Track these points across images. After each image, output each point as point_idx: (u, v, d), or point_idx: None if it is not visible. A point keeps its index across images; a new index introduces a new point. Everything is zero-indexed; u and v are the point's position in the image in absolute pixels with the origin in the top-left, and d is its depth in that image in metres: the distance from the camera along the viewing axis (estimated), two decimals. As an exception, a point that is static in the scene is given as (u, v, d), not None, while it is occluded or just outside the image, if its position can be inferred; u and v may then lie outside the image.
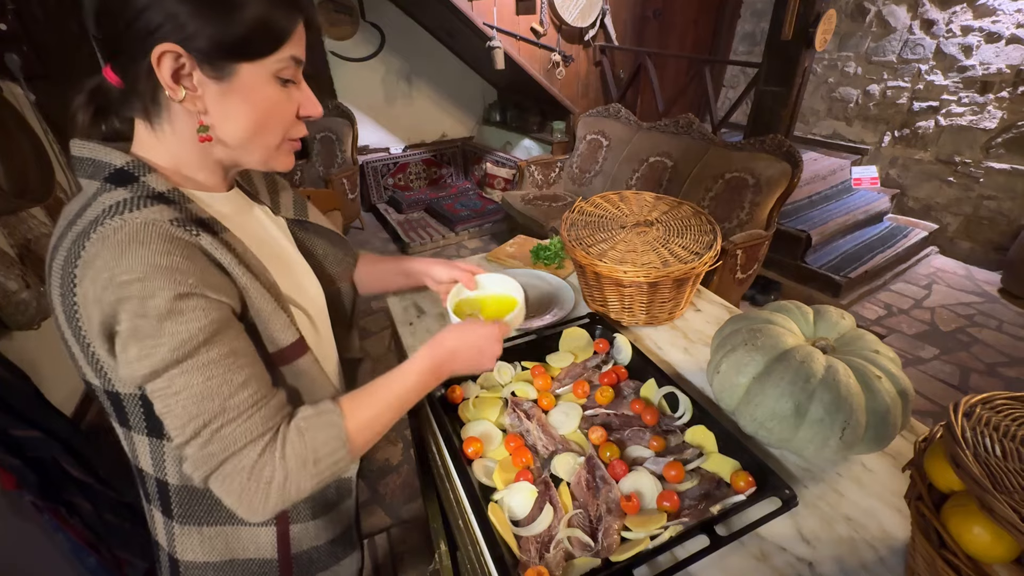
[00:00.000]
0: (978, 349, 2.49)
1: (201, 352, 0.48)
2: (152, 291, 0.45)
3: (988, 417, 0.49)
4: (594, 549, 0.60)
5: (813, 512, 0.66)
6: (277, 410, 0.53)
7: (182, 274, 0.47)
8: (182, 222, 0.50)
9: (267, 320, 0.56)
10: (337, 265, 0.80)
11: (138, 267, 0.45)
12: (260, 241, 0.65)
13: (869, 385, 0.65)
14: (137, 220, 0.47)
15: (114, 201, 0.49)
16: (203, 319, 0.48)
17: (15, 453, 1.06)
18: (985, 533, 0.43)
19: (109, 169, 0.52)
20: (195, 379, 0.48)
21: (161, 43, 0.47)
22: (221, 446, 0.49)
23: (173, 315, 0.46)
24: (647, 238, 1.03)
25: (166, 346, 0.46)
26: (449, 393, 0.84)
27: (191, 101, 0.51)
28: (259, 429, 0.51)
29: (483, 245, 3.79)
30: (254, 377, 0.52)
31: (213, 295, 0.49)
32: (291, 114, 0.57)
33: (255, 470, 0.50)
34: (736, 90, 4.65)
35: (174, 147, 0.55)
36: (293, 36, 0.53)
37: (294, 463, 0.52)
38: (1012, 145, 3.02)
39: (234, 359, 0.50)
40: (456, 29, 3.56)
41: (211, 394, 0.48)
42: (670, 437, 0.76)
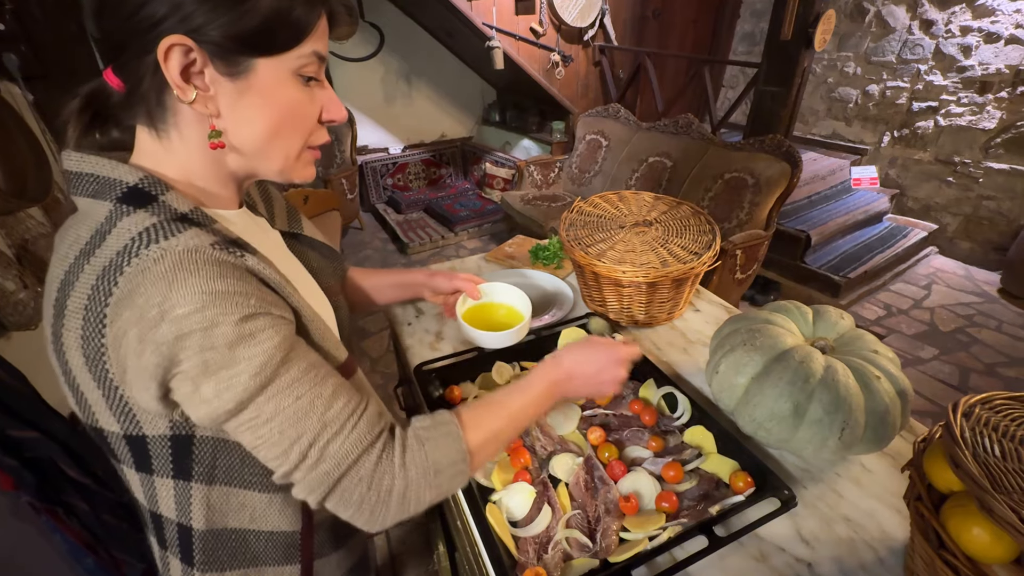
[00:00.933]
0: (977, 349, 2.49)
1: (283, 372, 0.44)
2: (215, 319, 0.41)
3: (987, 417, 0.49)
4: (592, 550, 0.60)
5: (812, 513, 0.66)
6: (378, 415, 0.50)
7: (242, 296, 0.43)
8: (222, 245, 0.45)
9: (322, 336, 0.52)
10: (330, 278, 0.76)
11: (193, 297, 0.40)
12: (279, 258, 0.61)
13: (868, 385, 0.65)
14: (178, 248, 0.42)
15: (142, 227, 0.43)
16: (276, 337, 0.44)
17: (12, 454, 1.06)
18: (984, 533, 0.43)
19: (121, 188, 0.46)
20: (285, 400, 0.44)
21: (169, 35, 0.42)
22: (333, 463, 0.45)
23: (244, 340, 0.42)
24: (646, 238, 1.03)
25: (246, 373, 0.42)
26: (447, 393, 0.83)
27: (202, 102, 0.46)
28: (368, 437, 0.47)
29: (482, 245, 3.78)
30: (341, 387, 0.48)
31: (277, 312, 0.46)
32: (313, 117, 0.52)
33: (375, 480, 0.47)
34: (735, 90, 4.65)
35: (184, 157, 0.50)
36: (316, 29, 0.48)
37: (415, 472, 0.49)
38: (1011, 145, 3.02)
39: (316, 372, 0.47)
40: (455, 29, 3.56)
41: (306, 412, 0.45)
42: (669, 437, 0.75)
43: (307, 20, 0.47)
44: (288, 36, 0.47)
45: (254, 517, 0.55)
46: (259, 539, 0.56)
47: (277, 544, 0.57)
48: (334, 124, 0.55)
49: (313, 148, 0.55)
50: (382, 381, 2.36)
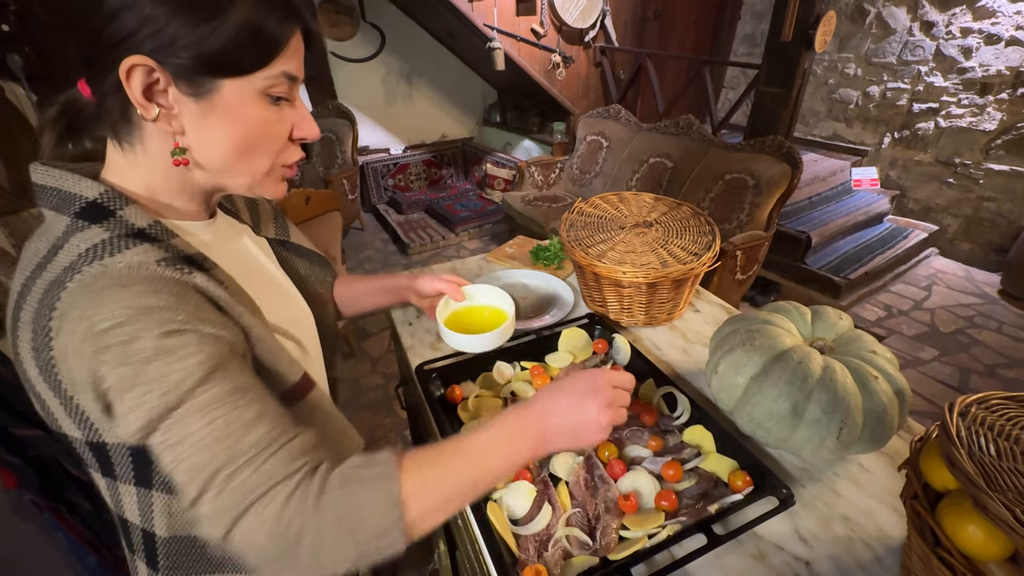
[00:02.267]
0: (978, 350, 2.49)
1: (198, 392, 0.41)
2: (135, 334, 0.40)
3: (983, 417, 0.49)
4: (592, 548, 0.61)
5: (810, 511, 0.66)
6: (303, 451, 0.44)
7: (169, 311, 0.41)
8: (170, 261, 0.44)
9: (275, 355, 0.51)
10: (320, 285, 0.76)
11: (118, 311, 0.40)
12: (250, 270, 0.61)
13: (866, 385, 0.65)
14: (120, 264, 0.42)
15: (90, 244, 0.43)
16: (198, 354, 0.42)
17: (16, 452, 1.07)
18: (979, 532, 0.44)
19: (79, 202, 0.45)
20: (196, 424, 0.41)
21: (131, 55, 0.42)
22: (236, 496, 0.40)
23: (162, 355, 0.40)
24: (646, 239, 1.03)
25: (156, 391, 0.40)
26: (448, 393, 0.84)
27: (165, 120, 0.46)
28: (282, 472, 0.41)
29: (483, 246, 3.79)
30: (267, 414, 0.44)
31: (209, 329, 0.43)
32: (282, 136, 0.51)
33: (282, 520, 0.40)
34: (736, 91, 4.65)
35: (148, 171, 0.49)
36: (287, 49, 0.47)
37: (330, 518, 0.41)
38: (1012, 147, 3.03)
39: (240, 396, 0.43)
40: (456, 30, 3.57)
41: (217, 439, 0.41)
42: (668, 437, 0.76)
43: (277, 41, 0.47)
44: (256, 57, 0.46)
45: None
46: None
47: None
48: (306, 142, 0.54)
49: (286, 165, 0.54)
50: (383, 381, 2.37)
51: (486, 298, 0.88)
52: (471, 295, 0.87)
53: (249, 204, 0.70)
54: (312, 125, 0.53)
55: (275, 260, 0.69)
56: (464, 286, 0.85)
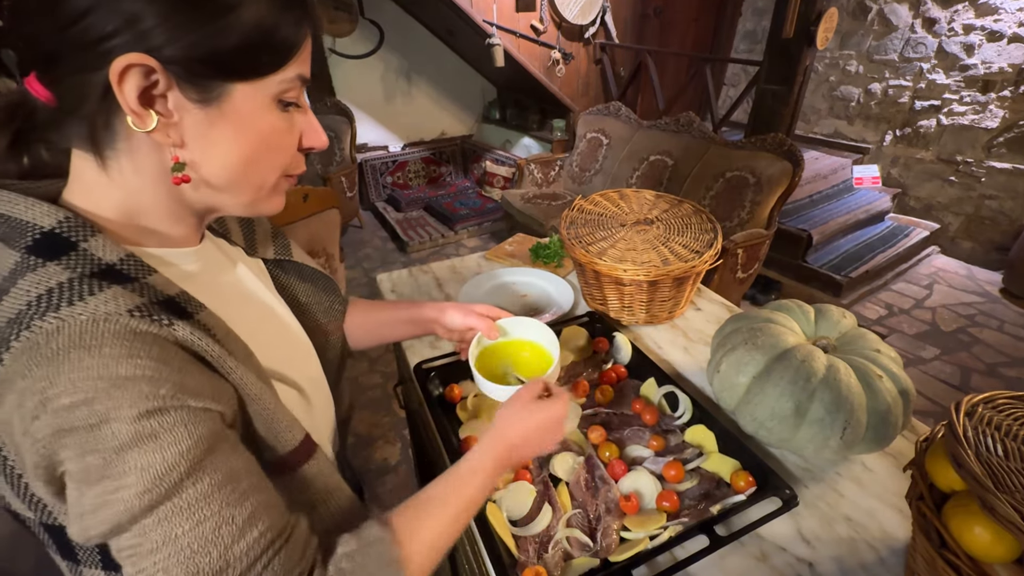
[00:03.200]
0: (979, 349, 2.49)
1: (186, 487, 0.34)
2: (106, 414, 0.32)
3: (990, 416, 0.48)
4: (593, 549, 0.60)
5: (813, 512, 0.66)
6: (302, 550, 0.39)
7: (151, 383, 0.34)
8: (146, 309, 0.36)
9: (271, 418, 0.43)
10: (324, 315, 0.67)
11: (84, 384, 0.32)
12: (242, 304, 0.53)
13: (870, 384, 0.65)
14: (82, 318, 0.33)
15: (44, 289, 0.34)
16: (187, 440, 0.35)
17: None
18: (986, 533, 0.43)
19: (33, 233, 0.37)
20: (180, 527, 0.34)
21: (126, 53, 0.35)
22: None
23: (140, 442, 0.33)
24: (647, 236, 1.03)
25: (132, 488, 0.33)
26: (447, 392, 0.83)
27: (163, 131, 0.39)
28: None
29: (482, 244, 3.78)
30: (263, 508, 0.38)
31: (197, 403, 0.36)
32: (292, 147, 0.46)
33: None
34: (737, 88, 4.64)
35: (132, 191, 0.41)
36: (302, 50, 0.43)
37: None
38: (1014, 144, 3.02)
39: (233, 487, 0.37)
40: (456, 26, 3.55)
41: (205, 544, 0.34)
42: (670, 437, 0.75)
43: (292, 41, 0.41)
44: (271, 59, 0.41)
45: None
46: None
47: None
48: (313, 152, 0.49)
49: (289, 177, 0.48)
50: (381, 380, 2.36)
51: (525, 332, 0.75)
52: (507, 329, 0.75)
53: (243, 222, 0.62)
54: (321, 133, 0.48)
55: (271, 286, 0.61)
56: (499, 320, 0.73)
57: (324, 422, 0.61)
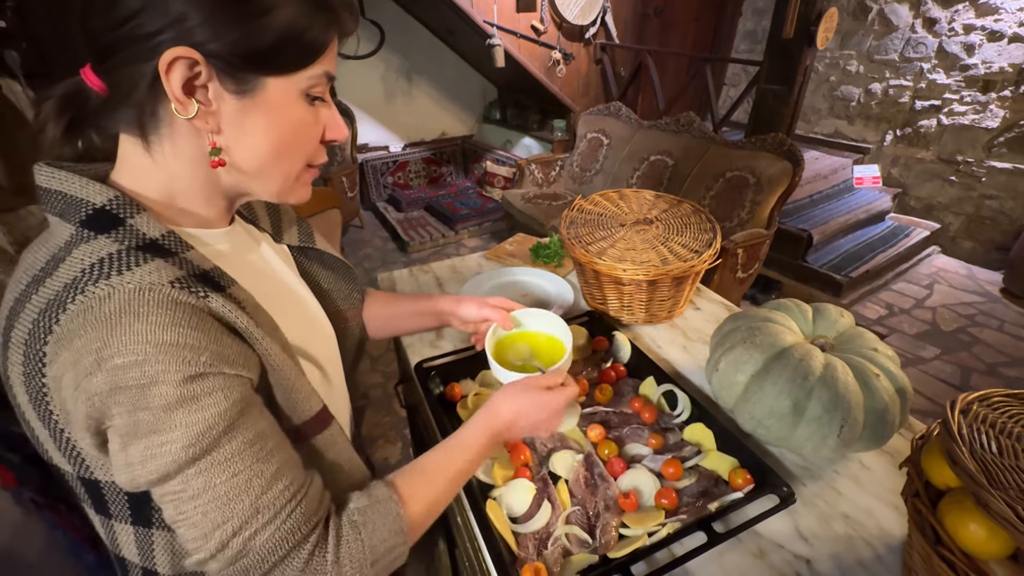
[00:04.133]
0: (979, 349, 2.49)
1: (223, 444, 0.39)
2: (155, 376, 0.37)
3: (985, 414, 0.49)
4: (592, 546, 0.61)
5: (811, 510, 0.66)
6: (319, 501, 0.45)
7: (193, 351, 0.38)
8: (185, 281, 0.41)
9: (291, 386, 0.48)
10: (344, 301, 0.71)
11: (135, 347, 0.36)
12: (268, 283, 0.57)
13: (867, 383, 0.65)
14: (130, 287, 0.38)
15: (96, 258, 0.39)
16: (224, 402, 0.39)
17: (15, 450, 1.06)
18: (981, 529, 0.43)
19: (86, 209, 0.41)
20: (218, 477, 0.39)
21: (174, 46, 0.39)
22: (258, 558, 0.40)
23: (185, 403, 0.38)
24: (647, 236, 1.03)
25: (179, 442, 0.37)
26: (448, 391, 0.84)
27: (203, 118, 0.43)
28: (303, 530, 0.42)
29: (483, 244, 3.79)
30: (287, 464, 0.43)
31: (231, 370, 0.41)
32: (316, 138, 0.50)
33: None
34: (737, 88, 4.64)
35: (172, 173, 0.46)
36: (329, 50, 0.47)
37: (351, 568, 0.43)
38: (1014, 144, 3.02)
39: (262, 445, 0.42)
40: (456, 27, 3.56)
41: (239, 493, 0.40)
42: (668, 435, 0.76)
43: (322, 41, 0.45)
44: (302, 56, 0.45)
45: None
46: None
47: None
48: (336, 143, 0.52)
49: (312, 167, 0.52)
50: (382, 379, 2.37)
51: (538, 323, 0.79)
52: (521, 321, 0.79)
53: (270, 210, 0.66)
54: (342, 126, 0.51)
55: (295, 271, 0.65)
56: (513, 311, 0.78)
57: (342, 404, 0.66)
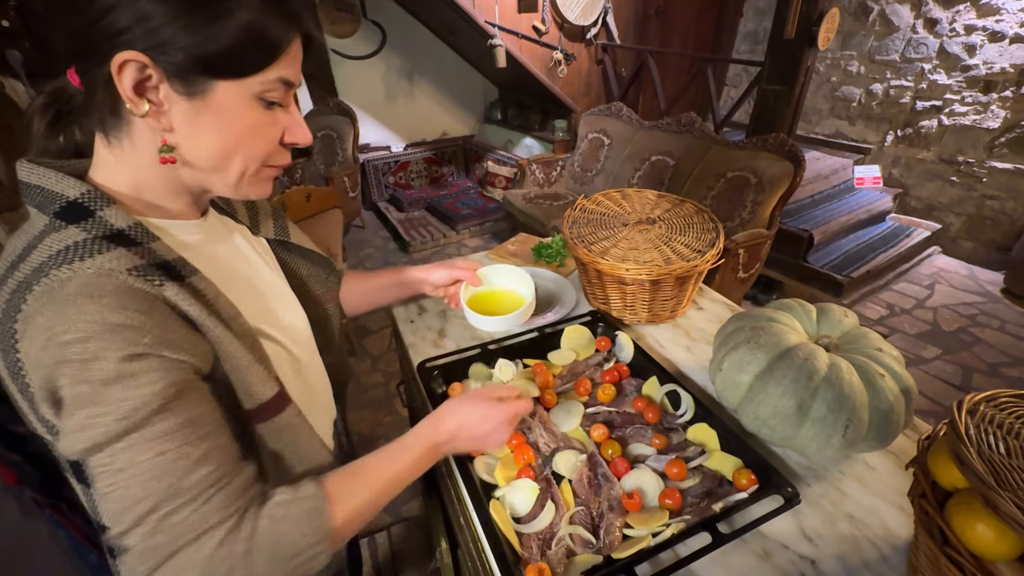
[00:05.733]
0: (980, 349, 2.49)
1: (154, 422, 0.41)
2: (96, 352, 0.39)
3: (992, 415, 0.49)
4: (596, 546, 0.60)
5: (815, 510, 0.66)
6: (242, 491, 0.45)
7: (136, 331, 0.41)
8: (143, 270, 0.43)
9: (244, 373, 0.49)
10: (321, 286, 0.73)
11: (83, 325, 0.39)
12: (234, 272, 0.59)
13: (872, 383, 0.65)
14: (89, 271, 0.41)
15: (63, 245, 0.42)
16: (159, 383, 0.41)
17: (16, 449, 1.06)
18: (989, 530, 0.43)
19: (60, 202, 0.44)
20: (143, 455, 0.40)
21: (124, 50, 0.41)
22: (169, 536, 0.41)
23: (122, 379, 0.40)
24: (649, 236, 1.03)
25: (112, 415, 0.39)
26: (450, 391, 0.83)
27: (155, 116, 0.45)
28: (218, 515, 0.43)
29: (484, 244, 3.78)
30: (216, 450, 0.45)
31: (172, 355, 0.43)
32: (273, 140, 0.51)
33: (211, 565, 0.41)
34: (738, 89, 4.64)
35: (135, 168, 0.48)
36: (286, 55, 0.47)
37: (261, 560, 0.44)
38: (1015, 145, 3.01)
39: (193, 429, 0.43)
40: (458, 27, 3.56)
41: (161, 473, 0.41)
42: (672, 435, 0.75)
43: (277, 46, 0.46)
44: (254, 61, 0.46)
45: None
46: None
47: None
48: (297, 147, 0.54)
49: (272, 167, 0.53)
50: (383, 379, 2.36)
51: (503, 280, 0.92)
52: (488, 278, 0.90)
53: (248, 204, 0.68)
54: (304, 131, 0.52)
55: (274, 262, 0.68)
56: (479, 270, 0.88)
57: (320, 385, 0.68)
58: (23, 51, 1.81)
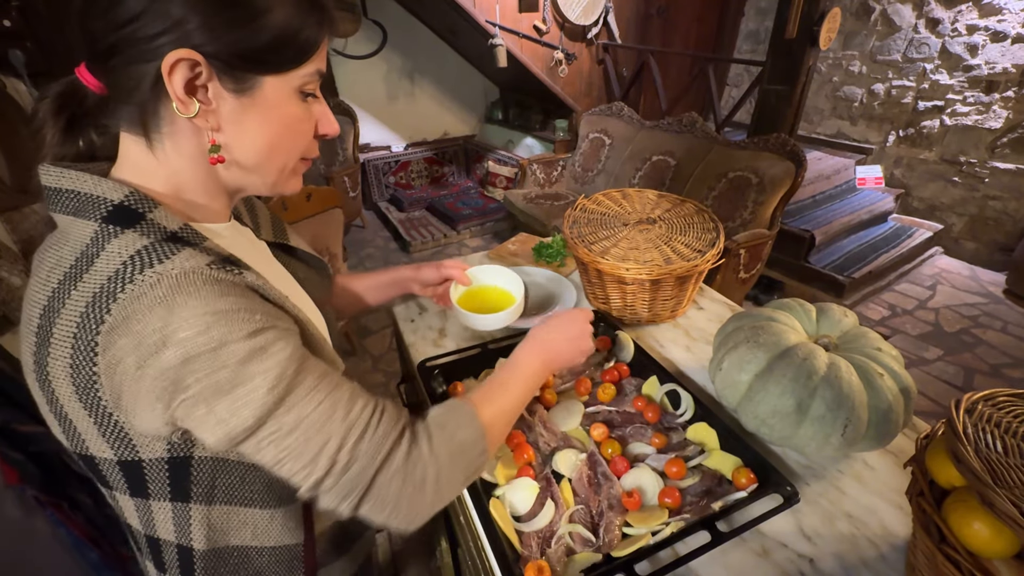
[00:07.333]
0: (982, 350, 2.48)
1: (300, 382, 0.43)
2: (222, 338, 0.40)
3: (990, 414, 0.49)
4: (595, 544, 0.61)
5: (814, 509, 0.66)
6: (397, 411, 0.50)
7: (248, 311, 0.42)
8: (219, 263, 0.43)
9: (320, 349, 0.51)
10: (317, 289, 0.73)
11: (196, 320, 0.39)
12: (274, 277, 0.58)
13: (871, 382, 0.65)
14: (174, 272, 0.40)
15: (133, 250, 0.41)
16: (287, 348, 0.43)
17: (18, 447, 1.07)
18: (985, 528, 0.43)
19: (106, 206, 0.43)
20: (306, 408, 0.43)
21: (175, 48, 0.40)
22: (366, 461, 0.45)
23: (255, 354, 0.41)
24: (650, 236, 1.03)
25: (262, 387, 0.41)
26: (451, 390, 0.84)
27: (203, 116, 0.44)
28: (394, 432, 0.47)
29: (484, 244, 3.79)
30: (357, 390, 0.48)
31: (283, 324, 0.45)
32: (310, 133, 0.52)
33: (408, 471, 0.47)
34: (740, 89, 4.64)
35: (176, 169, 0.47)
36: (321, 48, 0.49)
37: (445, 456, 0.49)
38: (1017, 145, 3.01)
39: (330, 379, 0.46)
40: (458, 27, 3.56)
41: (328, 417, 0.44)
42: (672, 434, 0.76)
43: (314, 40, 0.47)
44: (296, 55, 0.47)
45: (256, 534, 0.54)
46: (262, 555, 0.56)
47: (280, 558, 0.57)
48: (327, 138, 0.55)
49: (305, 160, 0.55)
50: (384, 379, 2.37)
51: (492, 278, 0.93)
52: (477, 277, 0.91)
53: (248, 208, 0.68)
54: (333, 121, 0.54)
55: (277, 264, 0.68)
56: (468, 269, 0.89)
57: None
58: (25, 51, 1.82)
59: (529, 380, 0.64)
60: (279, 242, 0.70)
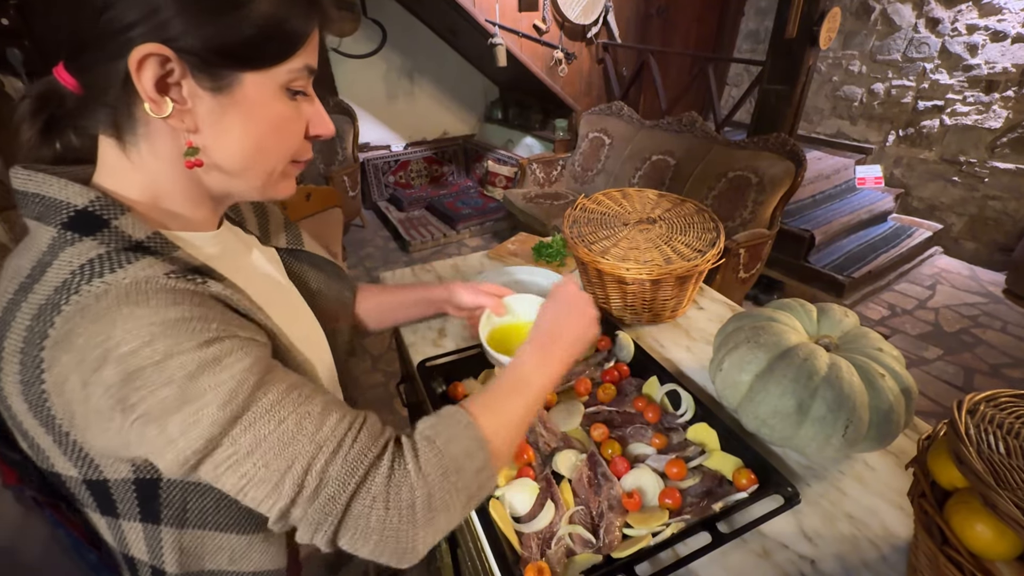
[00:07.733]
0: (982, 350, 2.48)
1: (259, 397, 0.38)
2: (167, 350, 0.36)
3: (992, 414, 0.49)
4: (596, 545, 0.60)
5: (815, 510, 0.66)
6: (380, 426, 0.44)
7: (201, 321, 0.37)
8: (179, 273, 0.40)
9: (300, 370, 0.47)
10: (334, 301, 0.69)
11: (139, 331, 0.35)
12: (259, 285, 0.56)
13: (872, 383, 0.65)
14: (125, 282, 0.37)
15: (85, 259, 0.37)
16: (246, 359, 0.39)
17: (17, 447, 1.06)
18: (988, 530, 0.43)
19: (67, 211, 0.39)
20: (266, 427, 0.38)
21: (144, 43, 0.37)
22: (338, 485, 0.39)
23: (207, 367, 0.37)
24: (650, 235, 1.03)
25: (213, 404, 0.36)
26: (451, 390, 0.84)
27: (178, 117, 0.41)
28: (373, 450, 0.41)
29: (484, 243, 3.78)
30: (332, 402, 0.43)
31: (245, 334, 0.40)
32: (299, 134, 0.48)
33: (391, 496, 0.40)
34: (740, 88, 4.63)
35: (152, 174, 0.44)
36: (309, 42, 0.44)
37: (435, 475, 0.42)
38: (1017, 145, 3.01)
39: (299, 392, 0.41)
40: (458, 26, 3.56)
41: (293, 436, 0.38)
42: (672, 434, 0.75)
43: (301, 32, 0.43)
44: (280, 49, 0.43)
45: (233, 559, 0.50)
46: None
47: None
48: (320, 140, 0.51)
49: (297, 163, 0.50)
50: (384, 379, 2.37)
51: (528, 312, 0.79)
52: (514, 308, 0.80)
53: (257, 212, 0.65)
54: (327, 122, 0.50)
55: (284, 274, 0.64)
56: (505, 298, 0.79)
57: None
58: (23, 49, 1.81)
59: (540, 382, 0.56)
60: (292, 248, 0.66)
